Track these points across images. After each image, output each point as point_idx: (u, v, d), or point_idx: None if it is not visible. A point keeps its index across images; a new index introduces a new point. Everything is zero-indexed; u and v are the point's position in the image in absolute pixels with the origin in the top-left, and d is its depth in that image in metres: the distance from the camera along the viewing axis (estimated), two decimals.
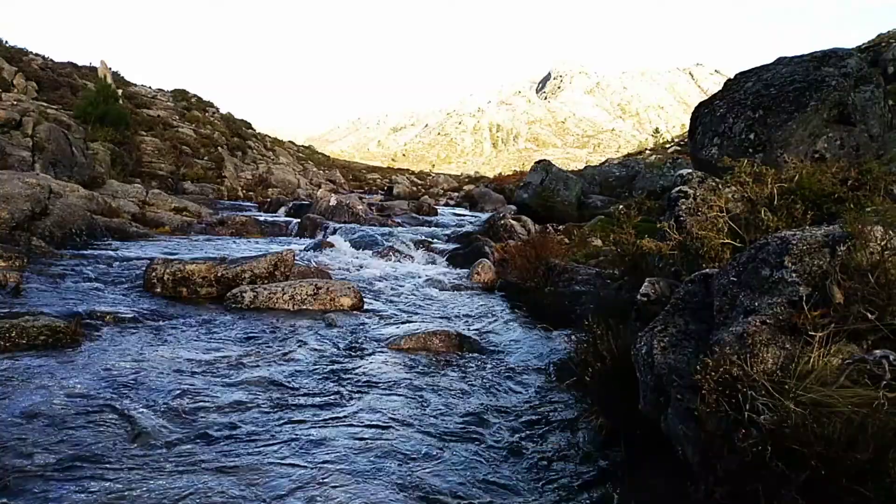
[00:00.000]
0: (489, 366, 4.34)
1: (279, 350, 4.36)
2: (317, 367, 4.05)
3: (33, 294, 5.26)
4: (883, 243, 2.32)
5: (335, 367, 4.09)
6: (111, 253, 8.09)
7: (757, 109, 7.80)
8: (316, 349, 4.45)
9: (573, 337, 4.52)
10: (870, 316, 2.16)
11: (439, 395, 3.66)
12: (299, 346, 4.48)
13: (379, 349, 4.60)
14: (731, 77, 8.96)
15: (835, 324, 2.19)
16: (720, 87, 9.09)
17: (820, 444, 1.83)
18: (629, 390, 3.05)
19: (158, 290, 5.87)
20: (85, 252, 7.89)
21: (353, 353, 4.44)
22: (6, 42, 25.03)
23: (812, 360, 2.10)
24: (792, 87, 7.70)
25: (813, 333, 2.16)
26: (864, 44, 18.05)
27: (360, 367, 4.13)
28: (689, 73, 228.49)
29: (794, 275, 2.39)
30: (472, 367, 4.27)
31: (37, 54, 26.70)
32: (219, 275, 6.03)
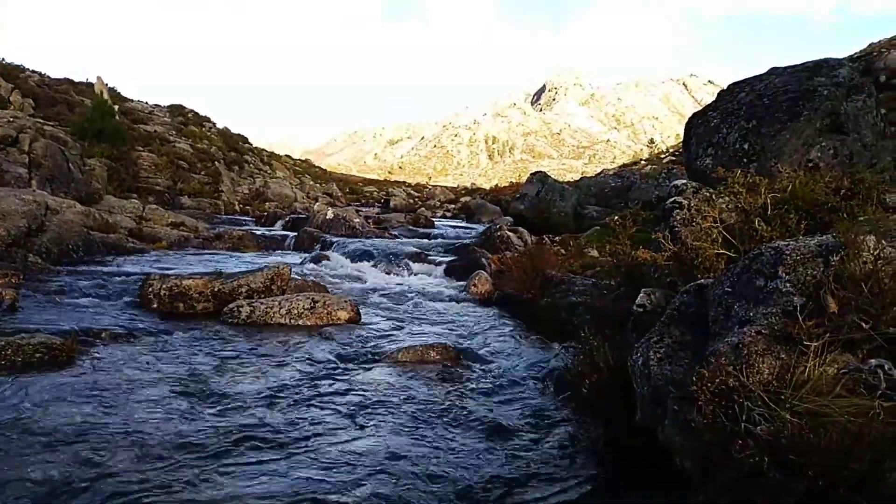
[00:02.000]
0: (486, 378, 4.33)
1: (275, 366, 4.35)
2: (313, 381, 4.04)
3: (30, 311, 5.25)
4: (875, 253, 2.33)
5: (331, 381, 4.08)
6: (108, 269, 8.07)
7: (750, 119, 7.86)
8: (312, 364, 4.44)
9: (570, 348, 4.52)
10: (864, 325, 2.17)
11: (436, 408, 3.64)
12: (296, 362, 4.46)
13: (376, 363, 4.59)
14: (725, 88, 9.03)
15: (829, 333, 2.20)
16: (714, 98, 9.17)
17: (817, 455, 1.83)
18: (626, 401, 3.05)
19: (155, 305, 5.86)
20: (81, 268, 7.87)
21: (349, 367, 4.43)
22: (3, 59, 25.11)
23: (808, 369, 2.11)
24: (785, 97, 7.76)
25: (808, 343, 2.17)
26: (855, 53, 18.19)
27: (356, 381, 4.12)
28: (683, 84, 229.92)
29: (788, 285, 2.40)
30: (469, 380, 4.27)
31: (34, 71, 26.79)
32: (215, 290, 6.02)
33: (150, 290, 5.93)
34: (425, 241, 14.31)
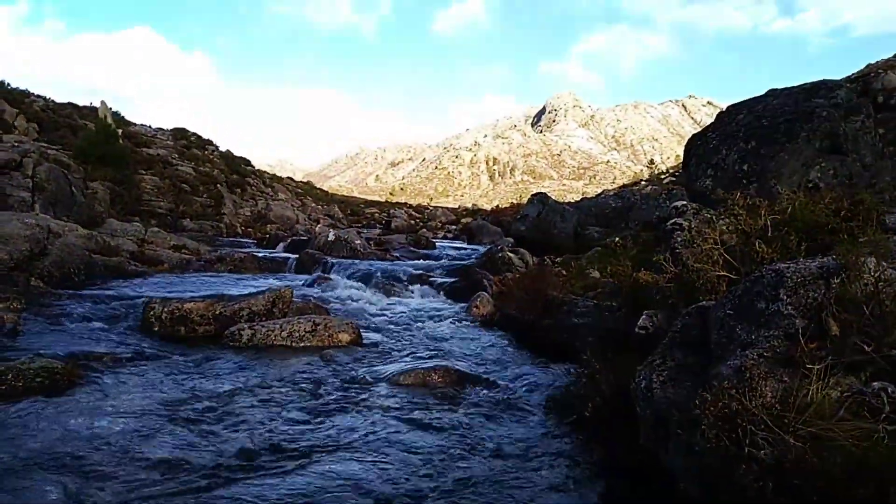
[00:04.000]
0: (488, 401, 4.31)
1: (276, 389, 4.33)
2: (314, 405, 4.03)
3: (31, 335, 5.25)
4: (876, 275, 2.33)
5: (332, 405, 4.06)
6: (109, 292, 8.07)
7: (749, 141, 7.90)
8: (313, 387, 4.43)
9: (572, 370, 4.51)
10: (866, 348, 2.17)
11: (438, 431, 3.62)
12: (297, 385, 4.45)
13: (377, 386, 4.57)
14: (724, 109, 9.10)
15: (832, 356, 2.19)
16: (713, 119, 9.23)
17: (821, 479, 1.82)
18: (629, 424, 3.03)
19: (156, 328, 5.85)
20: (83, 292, 7.88)
21: (351, 390, 4.41)
22: (8, 84, 25.37)
23: (811, 392, 2.10)
24: (783, 118, 7.81)
25: (810, 366, 2.17)
26: (853, 74, 18.31)
27: (357, 404, 4.10)
28: (682, 105, 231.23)
29: (789, 307, 2.40)
30: (471, 403, 4.24)
31: (38, 96, 27.07)
32: (217, 313, 6.02)
33: (152, 313, 5.93)
34: (427, 262, 14.30)
